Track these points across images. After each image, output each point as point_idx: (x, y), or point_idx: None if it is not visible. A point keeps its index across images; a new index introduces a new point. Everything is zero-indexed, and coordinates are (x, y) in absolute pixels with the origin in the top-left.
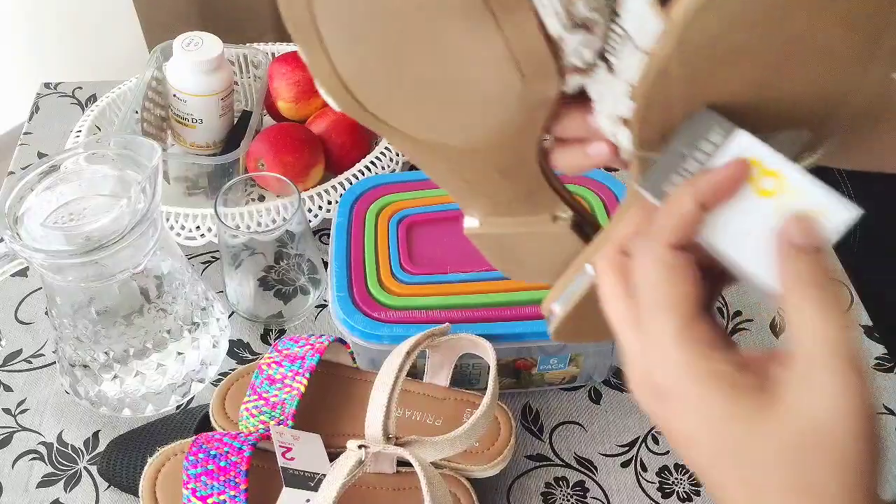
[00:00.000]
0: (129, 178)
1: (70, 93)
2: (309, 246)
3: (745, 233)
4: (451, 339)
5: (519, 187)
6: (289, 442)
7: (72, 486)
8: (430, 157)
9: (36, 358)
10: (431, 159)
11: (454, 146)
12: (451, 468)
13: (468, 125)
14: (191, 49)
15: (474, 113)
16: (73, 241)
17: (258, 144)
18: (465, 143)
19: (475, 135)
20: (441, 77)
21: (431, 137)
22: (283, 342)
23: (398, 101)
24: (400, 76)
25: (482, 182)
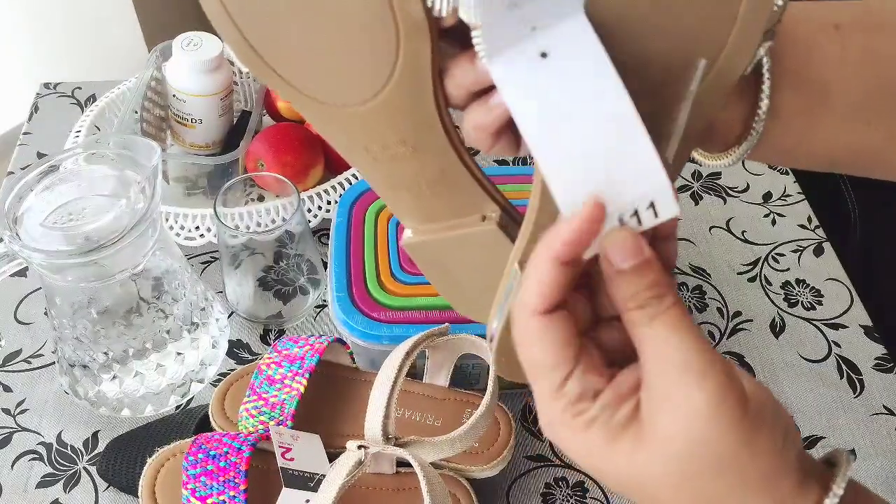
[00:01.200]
0: (128, 179)
1: (69, 93)
2: (308, 246)
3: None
4: (450, 340)
5: (432, 166)
6: (288, 442)
7: (71, 487)
8: (337, 128)
9: (35, 358)
10: (339, 131)
11: (351, 108)
12: (450, 468)
13: (352, 66)
14: (190, 49)
15: (353, 45)
16: (72, 241)
17: (257, 144)
18: (360, 95)
19: (364, 83)
20: (315, 8)
21: (323, 93)
22: (283, 342)
23: (279, 35)
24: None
25: (393, 163)
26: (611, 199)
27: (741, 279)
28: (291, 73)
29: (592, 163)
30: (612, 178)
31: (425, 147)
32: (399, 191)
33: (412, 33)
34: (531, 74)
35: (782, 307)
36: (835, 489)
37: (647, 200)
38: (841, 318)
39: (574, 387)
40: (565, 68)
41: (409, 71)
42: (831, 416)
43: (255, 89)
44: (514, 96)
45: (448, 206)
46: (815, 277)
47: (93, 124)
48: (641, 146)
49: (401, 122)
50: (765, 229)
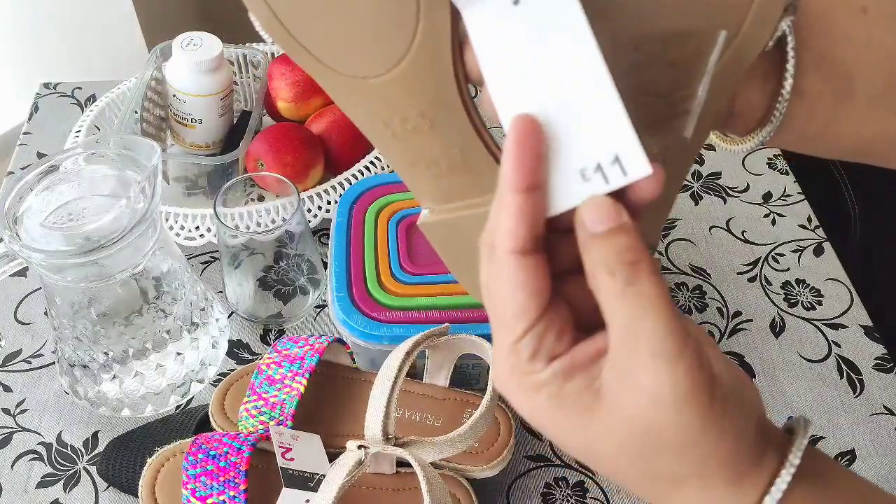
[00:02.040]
0: (128, 178)
1: (69, 93)
2: (308, 246)
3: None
4: (450, 340)
5: (450, 139)
6: (288, 442)
7: (71, 487)
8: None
9: (35, 358)
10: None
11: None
12: (450, 468)
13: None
14: (190, 49)
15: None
16: (72, 241)
17: (257, 144)
18: (376, 65)
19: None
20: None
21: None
22: (283, 342)
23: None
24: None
25: (413, 137)
26: (572, 150)
27: (741, 279)
28: (313, 42)
29: (553, 113)
30: (573, 130)
31: (444, 121)
32: (418, 168)
33: (432, 5)
34: (500, 19)
35: (782, 307)
36: (791, 458)
37: (610, 154)
38: (841, 318)
39: (529, 343)
40: (534, 14)
41: (428, 41)
42: (831, 416)
43: (255, 89)
44: (481, 41)
45: (466, 184)
46: (815, 277)
47: (93, 124)
48: (606, 97)
49: (420, 94)
50: (765, 229)
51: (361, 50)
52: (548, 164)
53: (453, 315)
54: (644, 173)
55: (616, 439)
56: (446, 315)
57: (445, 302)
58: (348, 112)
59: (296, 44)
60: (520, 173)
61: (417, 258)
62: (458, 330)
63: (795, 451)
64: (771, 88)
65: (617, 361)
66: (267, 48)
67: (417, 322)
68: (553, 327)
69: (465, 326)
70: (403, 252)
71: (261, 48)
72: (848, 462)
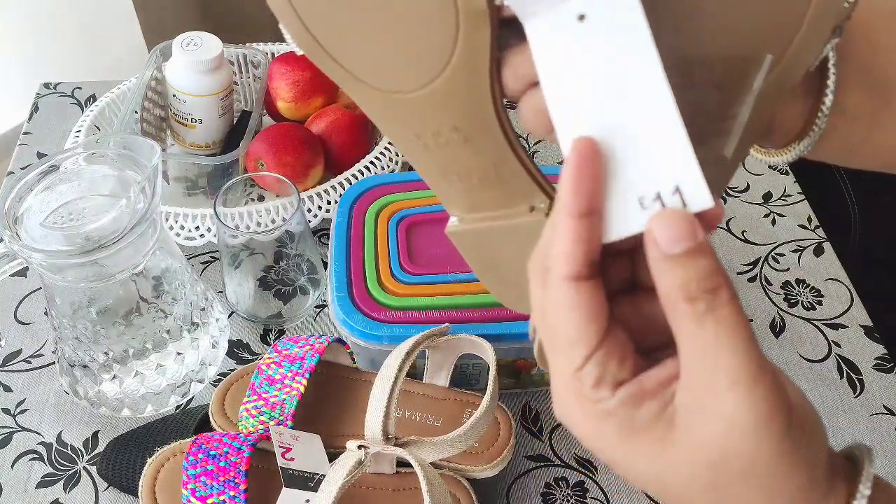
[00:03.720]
0: (128, 178)
1: (69, 93)
2: (308, 246)
3: (633, 205)
4: (450, 340)
5: (483, 154)
6: (288, 442)
7: (71, 487)
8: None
9: (35, 358)
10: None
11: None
12: (450, 468)
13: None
14: (190, 49)
15: (411, 33)
16: (72, 241)
17: (257, 144)
18: (412, 81)
19: (420, 69)
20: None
21: (377, 79)
22: (283, 342)
23: (339, 23)
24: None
25: (445, 150)
26: (632, 176)
27: (741, 279)
28: (347, 58)
29: (614, 137)
30: (633, 155)
31: (478, 136)
32: (448, 178)
33: (473, 22)
34: (564, 36)
35: (782, 307)
36: (861, 489)
37: (671, 184)
38: (841, 318)
39: (593, 370)
40: (600, 33)
41: (466, 59)
42: (831, 417)
43: (256, 89)
44: (542, 56)
45: (497, 195)
46: (815, 277)
47: (93, 124)
48: (670, 125)
49: (455, 110)
50: (765, 229)
51: (397, 66)
52: (605, 187)
53: (453, 315)
54: (705, 206)
55: (689, 468)
56: (446, 315)
57: (445, 302)
58: (378, 123)
59: (327, 56)
60: (578, 197)
61: (417, 258)
62: (458, 330)
63: (864, 480)
64: (810, 103)
65: (692, 388)
66: (267, 48)
67: (417, 322)
68: (615, 353)
69: (465, 326)
70: (403, 252)
71: (261, 48)
72: None
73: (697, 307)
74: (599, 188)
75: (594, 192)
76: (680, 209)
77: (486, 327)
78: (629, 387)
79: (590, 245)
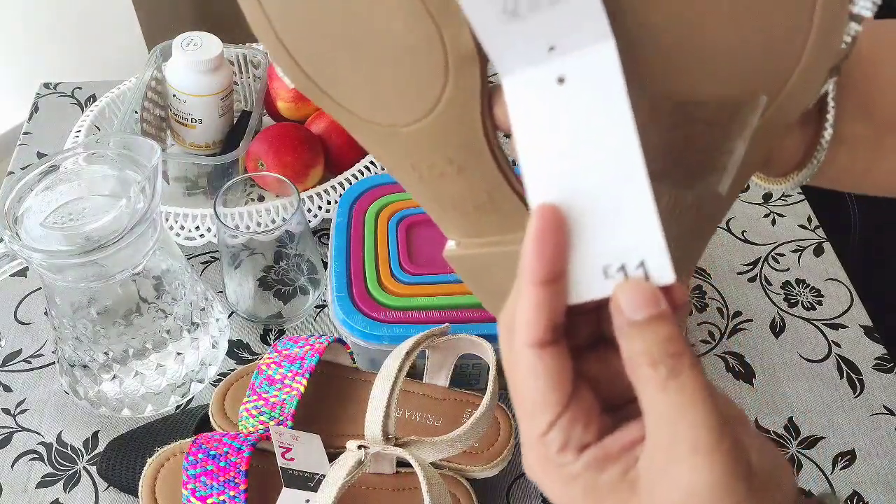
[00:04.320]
0: (128, 178)
1: (69, 93)
2: (308, 246)
3: (597, 274)
4: (450, 340)
5: (478, 185)
6: (288, 442)
7: (71, 487)
8: (383, 146)
9: (35, 358)
10: (385, 148)
11: (401, 129)
12: (450, 468)
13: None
14: (190, 49)
15: (403, 72)
16: (72, 241)
17: (257, 144)
18: (404, 116)
19: (411, 104)
20: (363, 28)
21: (370, 113)
22: (283, 342)
23: (330, 61)
24: (326, 28)
25: (440, 180)
26: (598, 245)
27: (741, 279)
28: (340, 95)
29: (583, 203)
30: (601, 224)
31: (472, 167)
32: (444, 206)
33: (461, 63)
34: (541, 97)
35: (782, 307)
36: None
37: (636, 257)
38: (841, 318)
39: (557, 436)
40: (578, 98)
41: (457, 96)
42: (831, 417)
43: (256, 89)
44: (518, 115)
45: (493, 222)
46: (815, 277)
47: (93, 124)
48: (640, 198)
49: (448, 143)
50: (765, 229)
51: (389, 102)
52: (570, 253)
53: (453, 315)
54: (668, 282)
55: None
56: (446, 315)
57: (445, 302)
58: (372, 153)
59: (320, 91)
60: (540, 265)
61: (417, 258)
62: (458, 330)
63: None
64: (810, 134)
65: (654, 454)
66: None
67: (417, 322)
68: (579, 417)
69: (465, 326)
70: (403, 252)
71: (261, 48)
72: (848, 462)
73: (659, 372)
74: (563, 256)
75: (557, 260)
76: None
77: (486, 327)
78: (594, 450)
79: (552, 311)
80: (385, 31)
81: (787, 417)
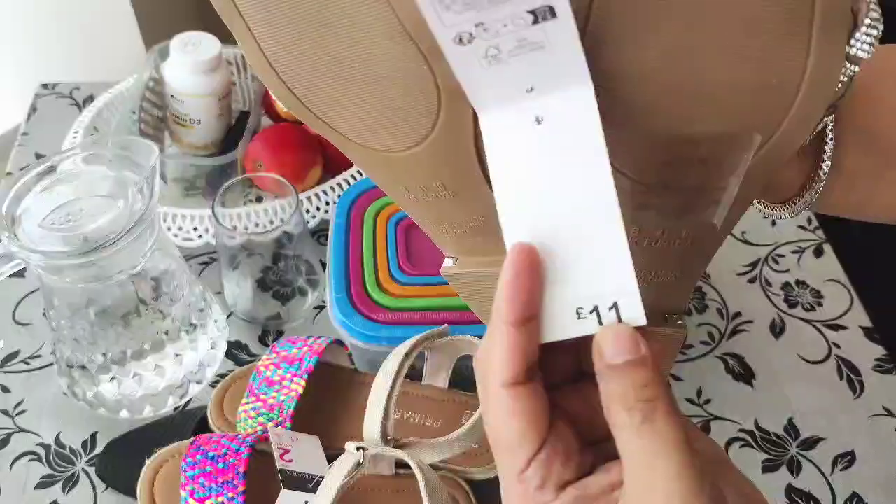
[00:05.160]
0: (126, 179)
1: (67, 93)
2: (307, 247)
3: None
4: (449, 341)
5: (472, 208)
6: (287, 444)
7: (70, 488)
8: (377, 168)
9: (34, 359)
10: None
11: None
12: (450, 470)
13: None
14: (188, 49)
15: (395, 103)
16: (70, 242)
17: (256, 145)
18: (397, 143)
19: (404, 133)
20: (356, 61)
21: (364, 140)
22: (281, 344)
23: (324, 90)
24: (320, 60)
25: (435, 203)
26: (571, 286)
27: (741, 280)
28: (333, 120)
29: (557, 244)
30: (575, 265)
31: (465, 192)
32: (441, 226)
33: (453, 96)
34: (518, 136)
35: (782, 308)
36: None
37: (609, 299)
38: (841, 319)
39: (536, 473)
40: (555, 139)
41: (450, 124)
42: (831, 418)
43: (254, 90)
44: (495, 152)
45: (489, 241)
46: (815, 278)
47: (91, 125)
48: (614, 242)
49: (441, 169)
50: (765, 230)
51: (382, 130)
52: (545, 293)
53: (452, 316)
54: (637, 321)
55: None
56: (445, 316)
57: (444, 303)
58: (367, 173)
59: (313, 116)
60: (513, 307)
61: (416, 259)
62: (458, 331)
63: None
64: (809, 164)
65: (631, 499)
66: None
67: (416, 323)
68: (558, 454)
69: (464, 328)
70: (402, 253)
71: None
72: (848, 463)
73: (634, 418)
74: (536, 298)
75: (530, 302)
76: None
77: (485, 328)
78: (573, 490)
79: (525, 351)
80: (377, 68)
81: (787, 418)
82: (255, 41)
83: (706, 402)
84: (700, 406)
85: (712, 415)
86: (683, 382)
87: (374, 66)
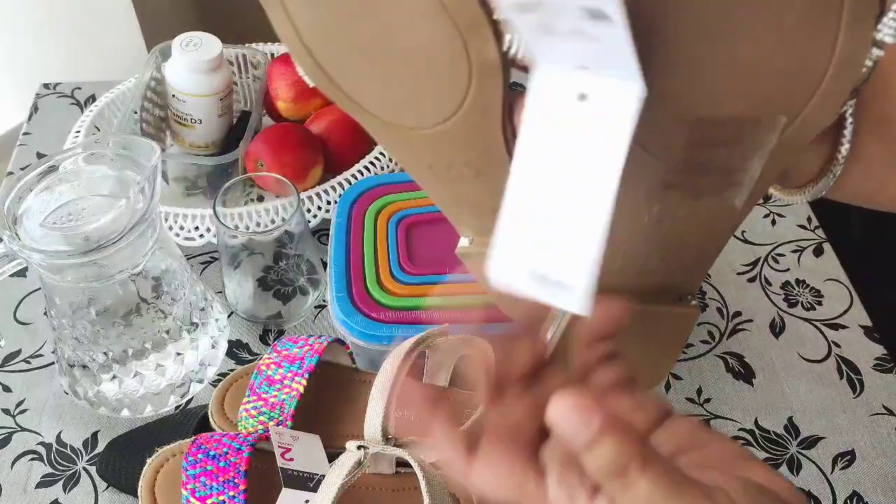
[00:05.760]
0: (127, 179)
1: (69, 93)
2: (308, 246)
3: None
4: (450, 340)
5: (494, 187)
6: (288, 442)
7: (71, 487)
8: (402, 146)
9: (35, 358)
10: (404, 149)
11: (418, 130)
12: None
13: (423, 96)
14: (190, 49)
15: (426, 80)
16: (71, 241)
17: (257, 145)
18: (425, 120)
19: (433, 109)
20: (388, 39)
21: (392, 116)
22: (282, 343)
23: (355, 67)
24: (352, 37)
25: (457, 182)
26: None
27: (741, 279)
28: (360, 96)
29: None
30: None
31: (489, 172)
32: (461, 206)
33: (485, 73)
34: (558, 106)
35: (782, 307)
36: None
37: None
38: (841, 318)
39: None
40: (589, 122)
41: (479, 103)
42: (831, 417)
43: (255, 89)
44: (531, 110)
45: None
46: (815, 278)
47: (92, 124)
48: (592, 237)
49: (467, 147)
50: (765, 229)
51: (411, 106)
52: (516, 239)
53: (453, 315)
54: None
55: None
56: (446, 315)
57: (445, 302)
58: (389, 151)
59: (341, 93)
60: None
61: (417, 258)
62: (458, 331)
63: None
64: (826, 149)
65: None
66: (267, 48)
67: (417, 322)
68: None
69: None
70: (403, 252)
71: (260, 48)
72: (847, 462)
73: (609, 491)
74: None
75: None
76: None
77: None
78: None
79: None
80: (411, 43)
81: (787, 417)
82: (290, 19)
83: (706, 400)
84: (700, 405)
85: (712, 414)
86: (683, 381)
87: (409, 43)
